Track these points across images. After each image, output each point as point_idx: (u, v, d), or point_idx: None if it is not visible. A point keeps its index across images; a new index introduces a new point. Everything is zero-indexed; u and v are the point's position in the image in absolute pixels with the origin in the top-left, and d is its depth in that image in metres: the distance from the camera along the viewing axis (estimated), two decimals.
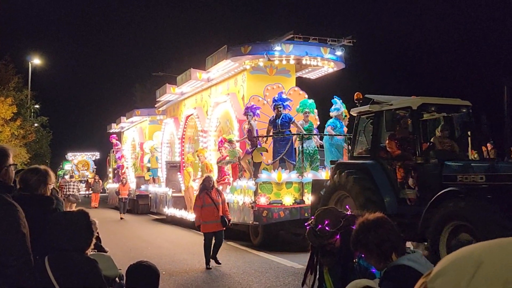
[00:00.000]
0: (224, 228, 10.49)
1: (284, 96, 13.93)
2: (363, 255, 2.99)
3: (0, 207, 2.90)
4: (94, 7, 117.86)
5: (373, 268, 3.07)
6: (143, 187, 25.83)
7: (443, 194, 7.57)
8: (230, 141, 14.57)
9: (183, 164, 20.88)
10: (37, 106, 36.82)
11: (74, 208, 16.67)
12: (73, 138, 67.92)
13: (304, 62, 14.84)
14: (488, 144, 11.44)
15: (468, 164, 8.38)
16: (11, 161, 3.17)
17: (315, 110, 14.52)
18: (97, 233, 5.71)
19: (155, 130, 26.96)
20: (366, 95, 10.13)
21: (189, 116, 20.32)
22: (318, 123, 15.10)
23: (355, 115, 10.25)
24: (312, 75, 16.90)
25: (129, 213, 25.40)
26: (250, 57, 14.50)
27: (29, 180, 3.53)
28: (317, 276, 3.91)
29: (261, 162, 13.34)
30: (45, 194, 3.62)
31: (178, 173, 20.87)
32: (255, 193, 12.71)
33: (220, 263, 10.34)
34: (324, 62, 15.04)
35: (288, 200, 12.66)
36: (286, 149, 13.28)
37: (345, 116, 14.09)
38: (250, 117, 13.95)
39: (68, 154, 60.43)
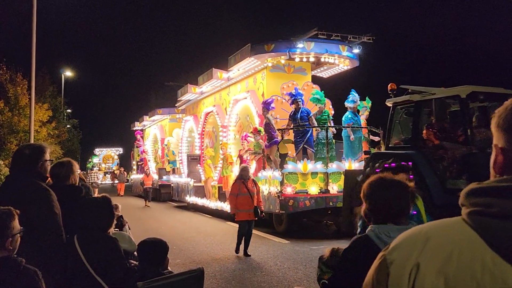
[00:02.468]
0: (256, 219, 8.75)
1: (300, 91, 12.20)
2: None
3: (38, 192, 2.96)
4: (117, 25, 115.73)
5: None
6: (165, 177, 24.04)
7: None
8: (259, 132, 12.81)
9: (203, 157, 19.17)
10: (69, 110, 37.28)
11: (96, 192, 16.60)
12: (100, 136, 66.81)
13: (322, 59, 13.09)
14: None
15: None
16: (47, 156, 3.21)
17: (327, 100, 12.78)
18: (121, 215, 5.82)
19: (175, 127, 25.28)
20: (401, 86, 8.40)
21: (208, 113, 18.52)
22: (333, 112, 13.39)
23: (390, 105, 8.51)
24: (325, 74, 15.15)
25: (152, 200, 23.57)
26: (273, 55, 12.71)
27: (59, 174, 3.48)
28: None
29: (287, 153, 11.56)
30: (75, 183, 3.57)
31: (198, 165, 19.12)
32: (281, 183, 10.97)
33: (249, 255, 8.48)
34: (340, 60, 13.28)
35: (313, 189, 10.91)
36: (306, 138, 11.55)
37: (363, 107, 12.34)
38: (266, 112, 12.23)
39: (96, 149, 59.26)
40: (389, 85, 8.56)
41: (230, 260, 8.15)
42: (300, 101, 11.64)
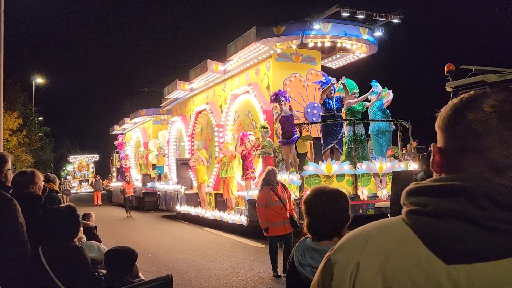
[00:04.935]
0: (292, 230, 7.03)
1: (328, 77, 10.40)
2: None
3: (1, 201, 2.91)
4: (89, 30, 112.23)
5: None
6: (149, 184, 21.89)
7: None
8: (265, 128, 10.99)
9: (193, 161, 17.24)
10: (41, 118, 36.44)
11: (67, 200, 16.39)
12: (74, 143, 63.56)
13: (338, 44, 11.41)
14: None
15: None
16: (9, 165, 3.25)
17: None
18: (95, 226, 6.42)
19: (159, 130, 23.22)
20: (463, 66, 6.79)
21: (200, 111, 16.61)
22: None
23: (451, 90, 6.86)
24: (335, 64, 13.49)
25: (136, 210, 21.49)
26: (283, 39, 10.92)
27: (19, 182, 3.46)
28: None
29: (306, 152, 9.78)
30: (34, 192, 3.53)
31: (189, 170, 17.16)
32: (301, 188, 9.22)
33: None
34: (358, 45, 11.62)
35: None
36: (339, 136, 9.76)
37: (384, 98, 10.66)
38: (282, 102, 10.44)
39: (70, 157, 56.28)
40: (446, 66, 6.93)
41: (206, 267, 7.87)
42: (332, 90, 9.87)
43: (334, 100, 9.79)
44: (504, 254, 0.77)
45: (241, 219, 11.41)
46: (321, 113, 9.98)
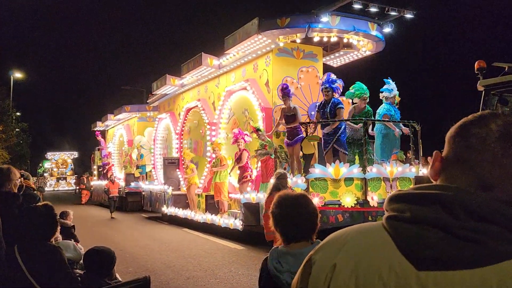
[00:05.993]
0: None
1: (333, 77, 9.71)
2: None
3: None
4: (69, 25, 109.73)
5: None
6: (133, 184, 20.87)
7: None
8: (259, 130, 10.24)
9: (183, 161, 16.39)
10: (18, 113, 35.49)
11: (42, 196, 14.79)
12: (53, 140, 61.61)
13: (345, 40, 10.75)
14: None
15: None
16: None
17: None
18: (74, 225, 6.34)
19: (144, 127, 22.18)
20: (496, 63, 6.21)
21: (191, 109, 15.75)
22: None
23: (482, 89, 6.25)
24: (337, 62, 12.84)
25: (118, 210, 20.38)
26: (287, 31, 10.16)
27: None
28: None
29: (313, 154, 9.05)
30: (11, 190, 3.45)
31: (177, 170, 16.29)
32: (306, 192, 8.49)
33: None
34: (364, 41, 10.98)
35: (348, 200, 8.51)
36: (336, 136, 9.05)
37: (397, 102, 10.06)
38: (287, 99, 9.73)
39: (48, 153, 54.48)
40: (476, 63, 6.35)
41: (184, 268, 7.74)
42: (330, 91, 9.18)
43: (330, 104, 9.18)
44: (473, 264, 0.78)
45: (236, 223, 10.64)
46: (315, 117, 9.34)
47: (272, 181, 8.28)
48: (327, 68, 12.69)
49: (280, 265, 1.98)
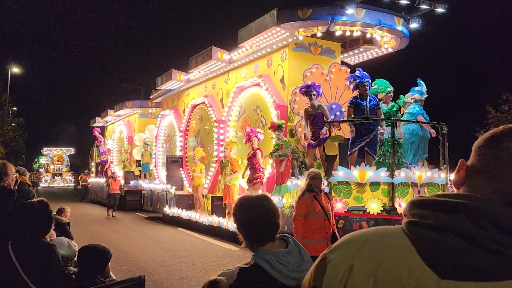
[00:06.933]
0: None
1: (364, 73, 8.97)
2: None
3: None
4: (68, 23, 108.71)
5: None
6: (132, 182, 20.13)
7: None
8: (280, 127, 9.53)
9: (186, 159, 15.68)
10: (15, 108, 35.01)
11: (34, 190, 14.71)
12: (49, 135, 60.91)
13: (368, 35, 10.07)
14: None
15: None
16: None
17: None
18: (69, 222, 6.29)
19: (146, 124, 21.42)
20: None
21: (197, 105, 15.04)
22: None
23: None
24: (354, 59, 12.17)
25: (117, 209, 19.69)
26: (309, 24, 9.47)
27: None
28: None
29: (336, 155, 8.34)
30: (9, 185, 3.40)
31: (181, 169, 15.57)
32: (328, 197, 7.80)
33: None
34: (388, 37, 10.30)
35: (374, 206, 7.82)
36: (370, 137, 8.25)
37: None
38: (314, 97, 9.01)
39: (44, 149, 53.59)
40: None
41: (178, 267, 7.69)
42: (367, 86, 8.35)
43: (368, 100, 8.31)
44: (497, 276, 0.77)
45: None
46: (352, 116, 8.40)
47: (298, 181, 7.58)
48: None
49: (285, 267, 1.85)
